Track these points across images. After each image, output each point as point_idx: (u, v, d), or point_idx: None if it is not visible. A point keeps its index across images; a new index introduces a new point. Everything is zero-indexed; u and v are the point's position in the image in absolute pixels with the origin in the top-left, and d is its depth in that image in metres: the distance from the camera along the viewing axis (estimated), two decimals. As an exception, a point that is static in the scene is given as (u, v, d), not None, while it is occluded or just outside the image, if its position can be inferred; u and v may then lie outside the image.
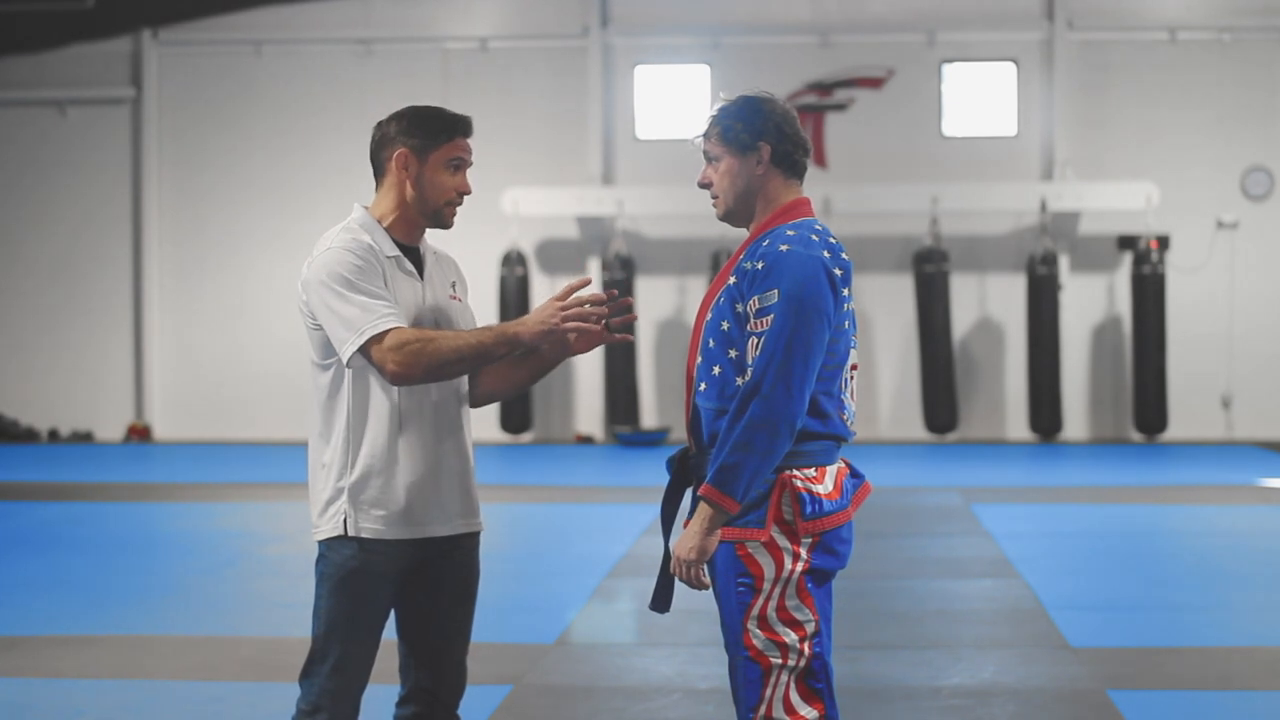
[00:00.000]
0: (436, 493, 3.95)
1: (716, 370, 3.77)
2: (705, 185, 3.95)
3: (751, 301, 3.71)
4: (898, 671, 6.76)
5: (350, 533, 3.90)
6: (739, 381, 3.72)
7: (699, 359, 3.83)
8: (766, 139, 3.85)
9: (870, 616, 7.90)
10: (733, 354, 3.75)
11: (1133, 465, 16.13)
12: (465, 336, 3.87)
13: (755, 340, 3.68)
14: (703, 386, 3.80)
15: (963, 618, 8.01)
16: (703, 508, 3.69)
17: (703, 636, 7.22)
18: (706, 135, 3.91)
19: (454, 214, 4.03)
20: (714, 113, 3.92)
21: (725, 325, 3.77)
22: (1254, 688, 6.48)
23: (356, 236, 3.93)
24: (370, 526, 3.91)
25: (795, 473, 3.71)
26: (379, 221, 3.99)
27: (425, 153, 3.95)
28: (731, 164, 3.87)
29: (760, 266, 3.72)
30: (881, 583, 8.87)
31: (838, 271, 3.75)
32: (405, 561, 3.94)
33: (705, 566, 3.75)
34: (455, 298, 4.08)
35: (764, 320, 3.67)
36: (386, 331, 3.80)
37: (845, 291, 3.78)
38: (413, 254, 4.02)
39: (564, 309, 3.86)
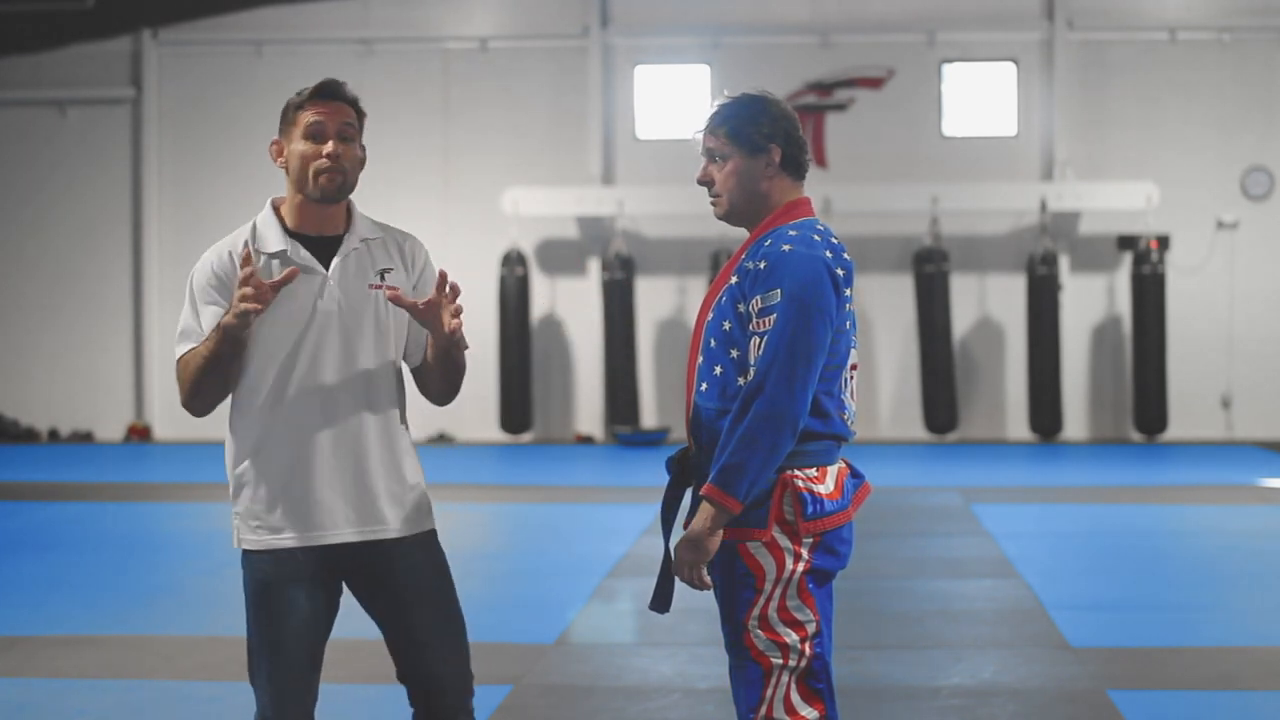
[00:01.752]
0: (319, 498, 3.83)
1: (718, 370, 3.76)
2: (706, 183, 3.89)
3: (754, 301, 3.69)
4: (898, 671, 6.76)
5: (240, 546, 3.91)
6: (741, 381, 3.71)
7: (700, 359, 3.81)
8: (777, 141, 3.83)
9: (870, 616, 7.90)
10: (734, 354, 3.74)
11: (1133, 465, 16.13)
12: (203, 347, 3.79)
13: (757, 340, 3.67)
14: (704, 386, 3.79)
15: (963, 618, 8.01)
16: (705, 507, 3.67)
17: (703, 636, 7.22)
18: (713, 132, 3.85)
19: (331, 180, 3.84)
20: (719, 109, 3.86)
21: (727, 325, 3.76)
22: (1254, 688, 6.48)
23: (234, 240, 3.91)
24: (250, 538, 3.89)
25: (796, 472, 3.71)
26: (277, 213, 3.94)
27: (287, 135, 3.93)
28: (740, 164, 3.83)
29: (762, 266, 3.70)
30: (881, 583, 8.87)
31: (840, 272, 3.74)
32: (305, 569, 3.84)
33: (706, 566, 3.75)
34: (381, 286, 3.89)
35: (766, 320, 3.66)
36: (182, 356, 3.85)
37: (847, 292, 3.77)
38: (319, 243, 3.90)
39: (244, 283, 3.69)
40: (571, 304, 19.10)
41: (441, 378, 3.97)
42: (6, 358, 19.88)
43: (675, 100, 19.16)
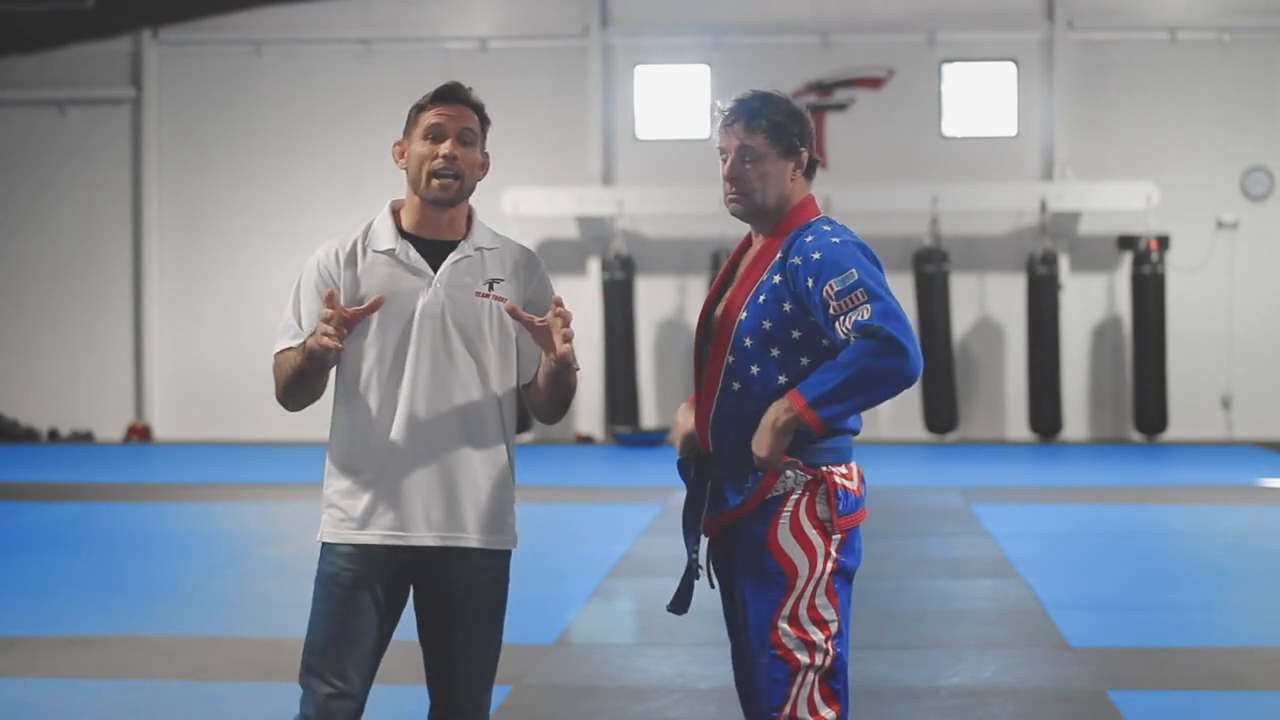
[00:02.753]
0: (405, 499, 3.79)
1: (755, 369, 3.74)
2: (736, 178, 3.83)
3: (827, 286, 3.65)
4: (898, 671, 6.76)
5: (322, 538, 3.87)
6: (782, 380, 3.71)
7: (730, 358, 3.78)
8: (806, 145, 3.86)
9: (870, 616, 7.89)
10: (775, 353, 3.73)
11: (1133, 465, 16.13)
12: (293, 357, 3.79)
13: (844, 318, 3.63)
14: (736, 386, 3.77)
15: (963, 618, 8.00)
16: (784, 409, 3.64)
17: (703, 636, 7.22)
18: (751, 130, 3.80)
19: (445, 185, 3.80)
20: (756, 108, 3.82)
21: (767, 325, 3.74)
22: (1254, 688, 6.47)
23: (343, 240, 3.89)
24: (330, 530, 3.85)
25: (833, 469, 3.74)
26: (395, 212, 3.92)
27: (409, 136, 3.89)
28: (777, 164, 3.83)
29: (818, 256, 3.70)
30: (881, 583, 8.86)
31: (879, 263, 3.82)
32: (381, 568, 3.80)
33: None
34: (489, 295, 3.85)
35: (852, 297, 3.63)
36: (279, 353, 3.85)
37: None
38: (434, 246, 3.86)
39: (325, 320, 3.68)
40: (571, 304, 18.78)
41: (549, 398, 3.94)
42: (6, 358, 19.88)
43: (675, 100, 19.16)
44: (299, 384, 3.80)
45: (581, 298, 19.07)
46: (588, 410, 19.11)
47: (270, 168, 19.45)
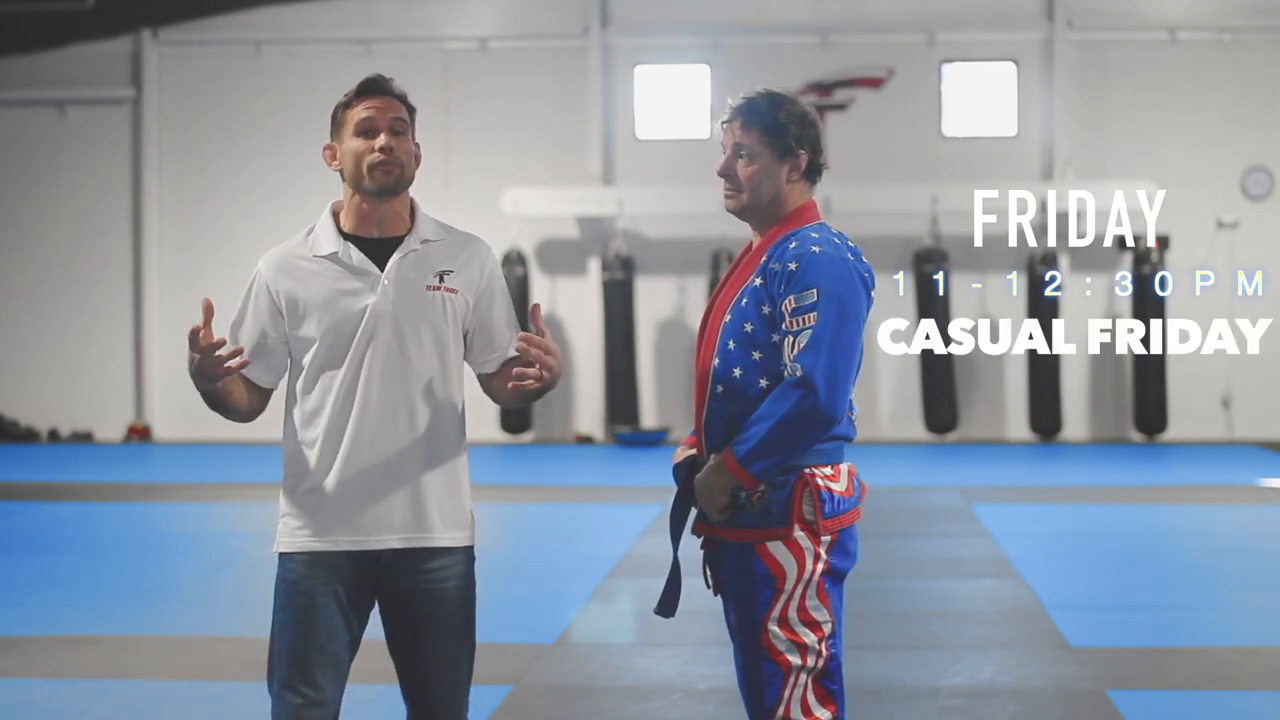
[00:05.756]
0: (366, 503, 3.74)
1: (737, 373, 3.74)
2: (729, 175, 3.84)
3: (786, 301, 3.67)
4: (898, 671, 6.76)
5: (278, 549, 3.84)
6: (763, 384, 3.70)
7: (716, 361, 3.77)
8: (805, 148, 3.84)
9: (870, 616, 7.89)
10: (756, 356, 3.72)
11: (1133, 465, 16.13)
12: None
13: (791, 339, 3.65)
14: (720, 389, 3.76)
15: (963, 618, 8.01)
16: (719, 469, 3.67)
17: (703, 636, 7.22)
18: (746, 129, 3.81)
19: (387, 173, 3.75)
20: (755, 106, 3.82)
21: (749, 327, 3.73)
22: (1255, 688, 6.48)
23: (287, 245, 3.87)
24: (287, 540, 3.82)
25: (815, 471, 3.72)
26: (334, 215, 3.86)
27: (339, 136, 3.85)
28: (769, 165, 3.81)
29: (793, 267, 3.69)
30: (881, 583, 8.87)
31: (865, 275, 3.77)
32: (342, 574, 3.76)
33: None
34: (439, 288, 3.80)
35: (802, 319, 3.64)
36: None
37: (871, 294, 3.79)
38: (379, 244, 3.81)
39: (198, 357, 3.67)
40: (571, 304, 19.10)
41: (509, 399, 3.89)
42: (6, 358, 19.88)
43: (675, 100, 19.15)
44: (218, 408, 3.81)
45: (581, 298, 19.08)
46: (588, 410, 19.10)
47: (270, 168, 19.44)
